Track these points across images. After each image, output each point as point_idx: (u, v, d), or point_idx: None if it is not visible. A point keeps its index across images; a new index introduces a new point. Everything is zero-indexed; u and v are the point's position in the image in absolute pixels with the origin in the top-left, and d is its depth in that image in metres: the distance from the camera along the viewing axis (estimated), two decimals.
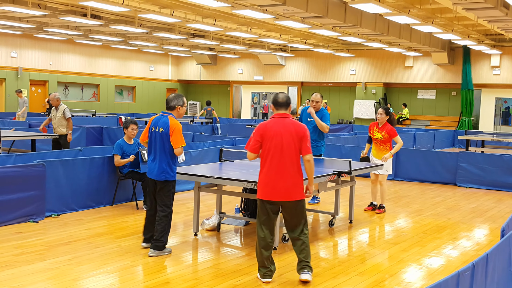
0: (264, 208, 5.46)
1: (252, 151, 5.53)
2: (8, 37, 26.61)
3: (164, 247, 6.25)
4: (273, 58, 31.31)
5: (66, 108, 11.91)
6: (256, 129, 5.54)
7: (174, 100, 6.24)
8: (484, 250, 6.91)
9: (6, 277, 5.31)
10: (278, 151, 5.39)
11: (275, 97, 5.60)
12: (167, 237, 6.29)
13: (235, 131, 20.81)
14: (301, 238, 5.50)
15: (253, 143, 5.52)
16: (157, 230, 6.20)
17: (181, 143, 6.11)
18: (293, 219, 5.50)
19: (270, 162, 5.41)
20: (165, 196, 6.24)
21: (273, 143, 5.40)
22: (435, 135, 21.02)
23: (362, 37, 21.07)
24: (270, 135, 5.42)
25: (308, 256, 5.48)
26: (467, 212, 9.48)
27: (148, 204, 6.47)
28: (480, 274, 3.95)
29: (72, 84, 30.03)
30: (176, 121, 6.18)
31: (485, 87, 27.06)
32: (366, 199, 10.19)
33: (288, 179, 5.39)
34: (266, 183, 5.41)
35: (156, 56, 34.24)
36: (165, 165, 6.17)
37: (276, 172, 5.38)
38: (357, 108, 29.77)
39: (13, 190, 7.33)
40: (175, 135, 6.09)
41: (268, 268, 5.44)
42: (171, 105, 6.24)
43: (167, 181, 6.22)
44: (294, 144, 5.41)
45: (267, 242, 5.44)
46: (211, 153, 11.30)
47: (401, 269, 6.10)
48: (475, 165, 12.23)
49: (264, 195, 5.43)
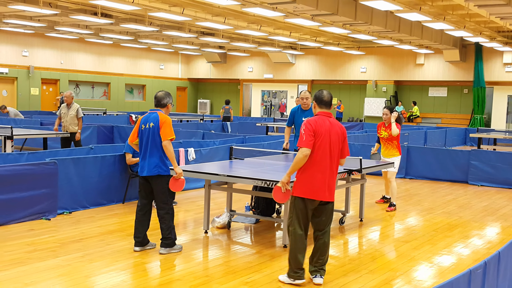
0: (304, 206, 5.28)
1: (309, 146, 5.19)
2: (20, 36, 26.79)
3: (173, 243, 6.24)
4: (283, 56, 31.28)
5: (79, 107, 12.00)
6: (307, 125, 5.27)
7: (165, 98, 6.26)
8: (495, 248, 6.86)
9: (19, 274, 5.36)
10: (327, 150, 5.26)
11: (319, 95, 5.47)
12: (175, 232, 6.28)
13: (245, 129, 20.81)
14: (327, 237, 5.41)
15: (308, 138, 5.21)
16: (162, 229, 6.18)
17: (170, 135, 6.05)
18: (326, 219, 5.40)
19: (319, 160, 5.23)
20: (161, 192, 6.16)
21: (323, 142, 5.24)
22: (447, 133, 20.90)
23: (372, 35, 20.99)
24: (322, 132, 5.25)
25: (325, 261, 5.40)
26: (479, 210, 9.42)
27: (139, 204, 6.33)
28: (492, 272, 3.93)
29: (83, 82, 30.19)
30: (166, 116, 6.18)
31: (497, 85, 26.87)
32: (377, 197, 10.17)
33: (331, 179, 5.31)
34: (313, 181, 5.23)
35: (166, 55, 34.32)
36: (156, 159, 6.11)
37: (323, 171, 5.25)
38: (368, 106, 29.67)
39: (26, 188, 7.39)
40: (165, 127, 6.05)
41: (304, 269, 5.32)
42: (163, 103, 6.24)
43: (160, 176, 6.13)
44: (339, 144, 5.35)
45: (304, 241, 5.31)
46: (221, 151, 11.32)
47: (412, 267, 6.08)
48: (487, 163, 12.15)
49: (310, 194, 5.25)
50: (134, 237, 6.32)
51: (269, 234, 7.33)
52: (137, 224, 6.30)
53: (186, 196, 9.60)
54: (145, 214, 6.30)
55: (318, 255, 5.37)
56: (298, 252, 5.27)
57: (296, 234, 5.29)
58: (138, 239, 6.29)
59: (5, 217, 7.18)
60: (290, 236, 5.35)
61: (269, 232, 7.47)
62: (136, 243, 6.31)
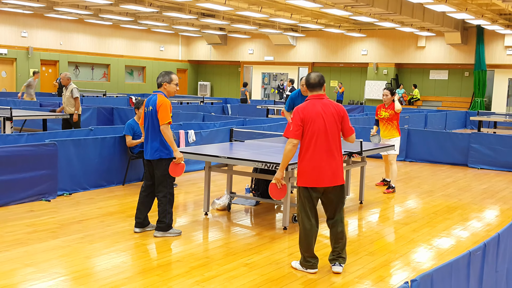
0: (309, 196, 5.13)
1: (296, 136, 5.05)
2: (19, 17, 26.61)
3: (168, 228, 6.18)
4: (284, 38, 31.11)
5: (74, 87, 11.91)
6: (294, 113, 5.12)
7: (160, 78, 6.12)
8: (495, 231, 6.88)
9: (20, 254, 5.38)
10: (322, 134, 5.05)
11: (306, 78, 5.30)
12: (171, 217, 6.19)
13: (246, 112, 20.77)
14: (340, 226, 5.24)
15: (294, 128, 5.06)
16: (159, 212, 6.17)
17: (166, 119, 5.93)
18: (336, 204, 5.23)
19: (314, 146, 5.05)
20: (161, 176, 6.11)
21: (316, 126, 5.05)
22: (447, 116, 20.87)
23: (374, 17, 20.84)
24: (312, 118, 5.06)
25: (343, 247, 5.27)
26: (478, 193, 9.44)
27: (142, 186, 6.34)
28: (492, 254, 3.93)
29: (82, 64, 30.06)
30: (164, 98, 6.03)
31: (498, 68, 26.76)
32: (377, 179, 10.18)
33: (333, 163, 5.10)
34: (312, 169, 5.06)
35: (166, 36, 34.14)
36: (157, 143, 6.06)
37: (321, 156, 5.05)
38: (368, 89, 29.58)
39: (25, 169, 7.39)
40: (161, 111, 5.93)
41: (317, 258, 5.26)
42: (158, 82, 6.12)
43: (161, 160, 6.09)
44: (337, 125, 5.13)
45: (315, 231, 5.18)
46: (221, 133, 11.30)
47: (411, 249, 6.10)
48: (487, 146, 12.14)
49: (311, 182, 5.08)
50: (135, 218, 6.33)
51: (269, 216, 7.35)
52: (139, 205, 6.31)
53: (187, 178, 9.61)
54: (148, 196, 6.30)
55: (334, 243, 5.27)
56: (308, 242, 5.18)
57: (304, 224, 5.18)
58: (139, 220, 6.30)
59: (5, 198, 7.20)
60: (299, 225, 5.25)
61: (269, 214, 7.48)
62: (136, 224, 6.32)
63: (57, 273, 4.96)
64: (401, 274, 5.33)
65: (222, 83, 35.59)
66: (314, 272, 5.21)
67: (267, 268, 5.29)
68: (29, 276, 4.85)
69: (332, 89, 30.58)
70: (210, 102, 23.33)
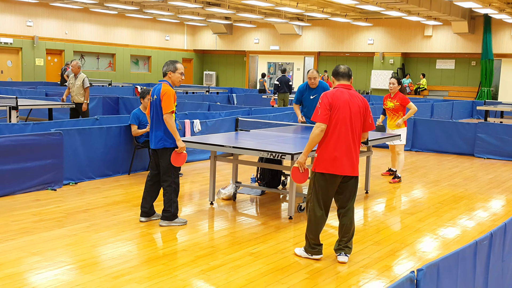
0: (325, 183, 5.13)
1: (324, 121, 5.00)
2: (24, 6, 26.59)
3: (173, 217, 6.19)
4: (289, 28, 30.96)
5: (85, 77, 11.95)
6: (323, 98, 5.09)
7: (165, 67, 6.10)
8: (501, 221, 6.86)
9: (26, 243, 5.41)
10: (347, 123, 5.06)
11: (336, 68, 5.27)
12: (176, 207, 6.19)
13: (251, 101, 20.74)
14: (350, 216, 5.27)
15: (323, 112, 5.02)
16: (164, 201, 6.18)
17: (169, 108, 5.91)
18: (349, 195, 5.26)
19: (338, 133, 5.04)
20: (165, 165, 6.10)
21: (342, 114, 5.04)
22: (454, 105, 20.77)
23: (380, 6, 20.69)
24: (339, 105, 5.05)
25: (351, 238, 5.28)
26: (485, 183, 9.40)
27: (148, 175, 6.34)
28: (498, 244, 3.92)
29: (88, 53, 30.05)
30: (168, 87, 6.01)
31: (506, 57, 26.56)
32: (383, 169, 10.15)
33: (353, 153, 5.13)
34: (335, 156, 5.04)
35: (172, 26, 34.05)
36: (161, 132, 6.05)
37: (344, 144, 5.06)
38: (374, 78, 29.44)
39: (31, 158, 7.41)
40: (164, 100, 5.92)
41: (322, 244, 5.30)
42: (163, 72, 6.11)
43: (165, 149, 6.08)
44: (360, 117, 5.16)
45: (324, 219, 5.22)
46: (227, 123, 11.29)
47: (417, 239, 6.08)
48: (494, 136, 12.08)
49: (331, 168, 5.06)
50: (141, 207, 6.33)
51: (274, 206, 7.35)
52: (145, 194, 6.31)
53: (192, 167, 9.61)
54: (153, 185, 6.30)
55: (342, 233, 5.27)
56: (316, 229, 5.20)
57: (315, 212, 5.18)
58: (145, 209, 6.31)
59: (12, 187, 7.22)
60: (309, 213, 5.23)
61: (275, 203, 7.48)
62: (142, 213, 6.33)
63: (63, 261, 4.97)
64: (407, 263, 5.32)
65: (227, 72, 35.51)
66: (319, 258, 5.24)
67: (272, 257, 5.29)
68: (35, 264, 4.87)
69: None
70: (215, 92, 23.29)
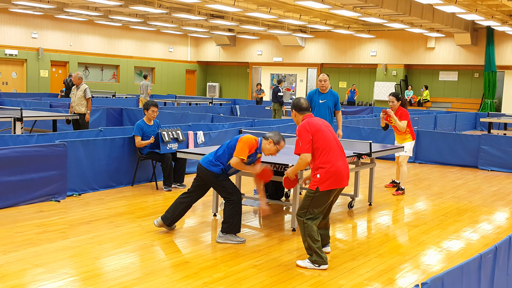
0: (328, 198, 5.37)
1: (307, 151, 5.26)
2: (29, 18, 26.78)
3: (232, 231, 6.03)
4: (292, 39, 31.08)
5: (87, 88, 12.00)
6: (301, 130, 5.31)
7: (276, 135, 5.95)
8: (505, 233, 6.84)
9: (29, 255, 5.40)
10: (333, 140, 5.38)
11: (297, 103, 5.52)
12: (235, 221, 6.03)
13: (254, 113, 20.77)
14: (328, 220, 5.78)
15: (304, 143, 5.26)
16: (224, 213, 6.10)
17: (240, 154, 5.90)
18: (332, 203, 5.66)
19: (330, 149, 5.31)
20: (220, 189, 6.13)
21: (324, 134, 5.35)
22: (457, 117, 20.76)
23: (383, 18, 20.77)
24: (318, 128, 5.35)
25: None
26: (489, 195, 9.38)
27: (189, 189, 6.33)
28: (503, 257, 3.90)
29: (92, 65, 30.20)
30: (254, 142, 6.01)
31: (509, 69, 26.60)
32: (386, 181, 10.14)
33: (347, 164, 5.50)
34: (335, 171, 5.29)
35: (176, 37, 34.21)
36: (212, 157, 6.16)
37: (340, 157, 5.37)
38: (377, 90, 29.50)
39: (35, 170, 7.42)
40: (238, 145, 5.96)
41: (324, 253, 5.44)
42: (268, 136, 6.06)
43: (213, 173, 6.10)
44: (334, 133, 5.56)
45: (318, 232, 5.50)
46: (230, 134, 11.29)
47: (421, 251, 6.06)
48: (497, 148, 12.06)
49: (336, 184, 5.32)
50: (165, 212, 6.28)
51: (277, 218, 7.34)
52: (173, 205, 6.27)
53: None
54: (186, 201, 6.28)
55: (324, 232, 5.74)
56: (315, 242, 5.32)
57: (312, 229, 5.33)
58: (167, 215, 6.24)
59: (15, 198, 7.23)
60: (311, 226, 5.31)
61: (278, 215, 7.47)
62: (162, 217, 6.25)
63: (67, 273, 4.97)
64: (410, 276, 5.30)
65: (231, 84, 35.62)
66: (326, 268, 5.33)
67: (275, 269, 5.28)
68: (39, 276, 4.86)
69: (341, 90, 30.53)
70: (219, 103, 23.35)
